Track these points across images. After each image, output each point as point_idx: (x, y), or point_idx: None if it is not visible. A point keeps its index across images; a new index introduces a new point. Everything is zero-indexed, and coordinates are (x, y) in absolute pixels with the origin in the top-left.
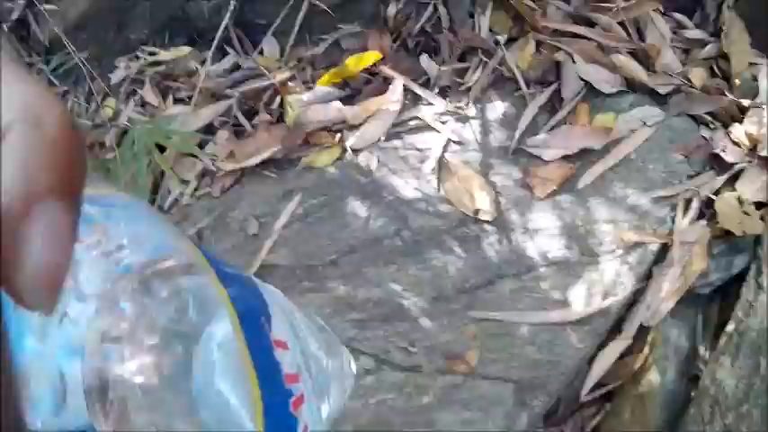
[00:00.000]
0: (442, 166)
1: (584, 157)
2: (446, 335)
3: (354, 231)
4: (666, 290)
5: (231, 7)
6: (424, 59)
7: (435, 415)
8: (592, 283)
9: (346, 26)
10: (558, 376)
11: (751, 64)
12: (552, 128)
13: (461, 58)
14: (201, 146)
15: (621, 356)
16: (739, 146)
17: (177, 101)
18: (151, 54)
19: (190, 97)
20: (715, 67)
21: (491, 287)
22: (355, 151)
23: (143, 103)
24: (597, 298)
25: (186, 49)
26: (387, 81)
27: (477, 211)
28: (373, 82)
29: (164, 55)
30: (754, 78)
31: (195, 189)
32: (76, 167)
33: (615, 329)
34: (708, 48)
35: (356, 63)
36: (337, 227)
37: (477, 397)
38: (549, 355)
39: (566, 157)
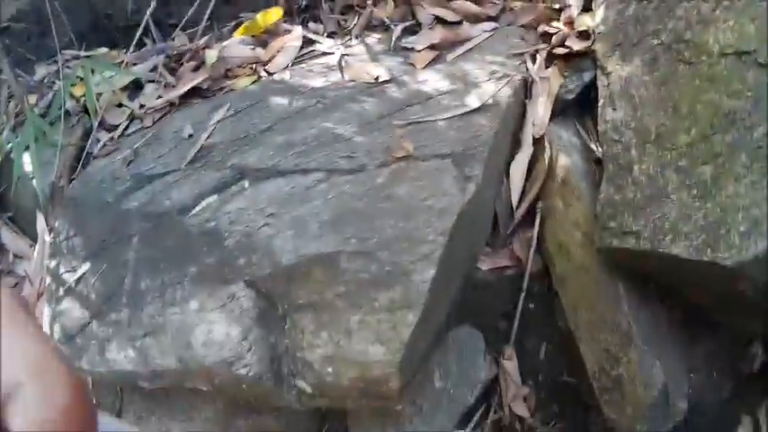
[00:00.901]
0: (341, 66)
1: (445, 48)
2: (379, 141)
3: (280, 111)
4: (542, 105)
5: (150, 8)
6: (312, 25)
7: (392, 190)
8: (479, 93)
9: (246, 14)
10: (483, 145)
11: None
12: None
13: (342, 14)
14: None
15: (530, 169)
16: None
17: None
18: (74, 58)
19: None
20: None
21: (404, 111)
22: (270, 74)
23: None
24: (486, 96)
25: (104, 50)
26: (287, 32)
27: (377, 78)
28: (277, 34)
29: (83, 56)
30: None
31: (125, 130)
32: (83, 425)
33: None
34: None
35: (264, 18)
36: (266, 112)
37: (423, 172)
38: (468, 134)
39: (432, 47)
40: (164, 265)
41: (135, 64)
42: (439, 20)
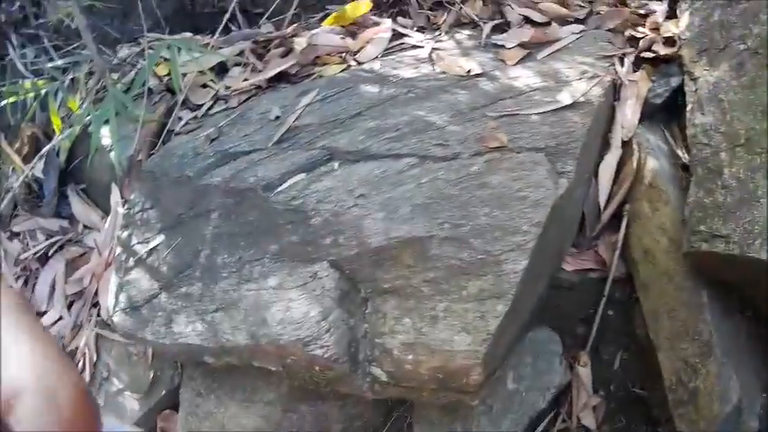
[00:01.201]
0: (432, 59)
1: (533, 47)
2: (472, 131)
3: (370, 98)
4: (630, 108)
5: None
6: (400, 19)
7: (487, 179)
8: (570, 91)
9: (333, 7)
10: (576, 142)
11: None
12: None
13: (431, 10)
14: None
15: (618, 171)
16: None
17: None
18: (157, 40)
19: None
20: None
21: (496, 104)
22: (359, 63)
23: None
24: (578, 94)
25: (188, 34)
26: (375, 24)
27: (469, 71)
28: (365, 26)
29: (167, 39)
30: None
31: (208, 109)
32: (87, 429)
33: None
34: None
35: (353, 9)
36: (355, 98)
37: (517, 164)
38: (561, 129)
39: (522, 45)
40: (243, 242)
41: (221, 48)
42: (527, 20)
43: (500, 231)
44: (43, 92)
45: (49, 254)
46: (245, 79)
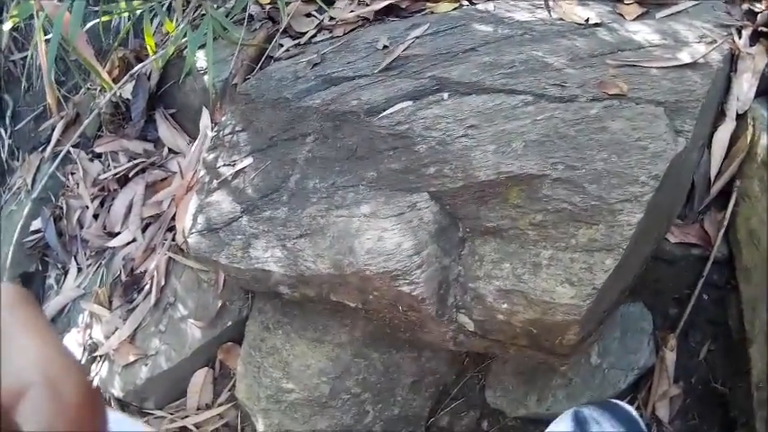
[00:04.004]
0: (548, 6)
1: (651, 7)
2: (591, 76)
3: (484, 36)
4: (747, 81)
5: None
6: None
7: (606, 124)
8: (690, 51)
9: None
10: (696, 102)
11: None
12: None
13: None
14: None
15: (730, 145)
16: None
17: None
18: None
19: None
20: None
21: (615, 54)
22: (472, 3)
23: None
24: (697, 55)
25: None
26: None
27: (587, 20)
28: None
29: None
30: None
31: (311, 38)
32: (94, 425)
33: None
34: None
35: None
36: (468, 35)
37: (637, 114)
38: (681, 86)
39: (639, 2)
40: (338, 167)
41: None
42: None
43: (617, 179)
44: (138, 12)
45: (130, 176)
46: (352, 11)
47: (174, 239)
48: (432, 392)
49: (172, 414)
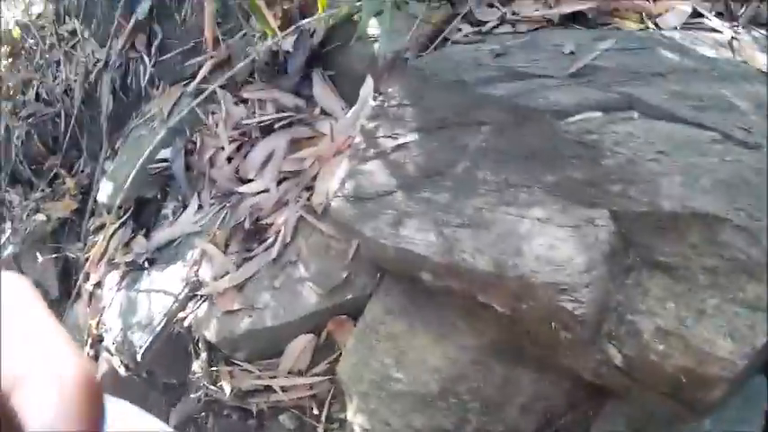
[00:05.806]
0: (732, 47)
1: None
2: None
3: (671, 64)
4: None
5: None
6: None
7: None
8: None
9: None
10: None
11: None
12: None
13: None
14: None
15: None
16: None
17: None
18: None
19: None
20: None
21: None
22: (658, 27)
23: None
24: None
25: None
26: None
27: None
28: None
29: None
30: None
31: (493, 28)
32: (93, 415)
33: None
34: None
35: None
36: (655, 59)
37: None
38: None
39: None
40: (513, 164)
41: None
42: None
43: None
44: None
45: (275, 127)
46: (537, 9)
47: (308, 199)
48: (538, 418)
49: (260, 371)
